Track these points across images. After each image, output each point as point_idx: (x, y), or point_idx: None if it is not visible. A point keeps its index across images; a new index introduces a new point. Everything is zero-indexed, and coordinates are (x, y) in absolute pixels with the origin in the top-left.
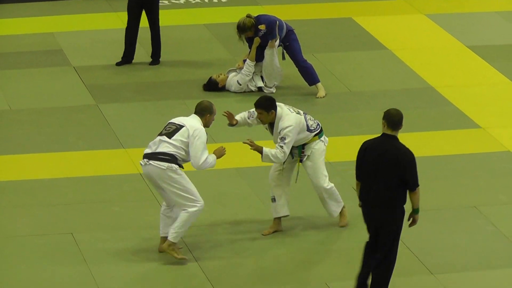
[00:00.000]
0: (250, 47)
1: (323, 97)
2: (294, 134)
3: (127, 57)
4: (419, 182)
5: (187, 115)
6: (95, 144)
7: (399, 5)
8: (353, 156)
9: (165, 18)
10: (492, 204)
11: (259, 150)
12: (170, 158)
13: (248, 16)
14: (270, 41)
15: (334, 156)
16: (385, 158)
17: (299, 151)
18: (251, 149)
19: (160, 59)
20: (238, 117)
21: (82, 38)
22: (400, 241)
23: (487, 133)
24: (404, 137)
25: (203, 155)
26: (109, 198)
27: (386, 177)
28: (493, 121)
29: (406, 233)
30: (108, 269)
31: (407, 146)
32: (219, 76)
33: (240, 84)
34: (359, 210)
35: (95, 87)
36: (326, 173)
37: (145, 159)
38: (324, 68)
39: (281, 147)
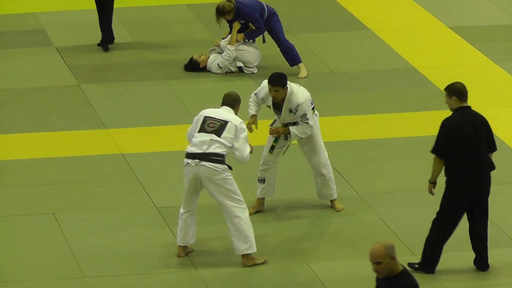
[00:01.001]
0: (230, 27)
1: (305, 77)
2: (310, 107)
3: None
4: (402, 163)
5: (169, 95)
6: (77, 124)
7: None
8: (335, 136)
9: None
10: None
11: (287, 132)
12: (222, 159)
13: (229, 0)
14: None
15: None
16: (481, 127)
17: (284, 139)
18: (273, 134)
19: (109, 46)
20: (253, 111)
21: (65, 18)
22: (382, 222)
23: None
24: (386, 118)
25: (247, 148)
26: (90, 179)
27: (484, 145)
28: (475, 102)
29: (389, 214)
30: (89, 248)
31: (387, 126)
32: (200, 57)
33: (221, 67)
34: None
35: (77, 67)
36: (324, 148)
37: (195, 160)
38: (306, 48)
39: (307, 123)
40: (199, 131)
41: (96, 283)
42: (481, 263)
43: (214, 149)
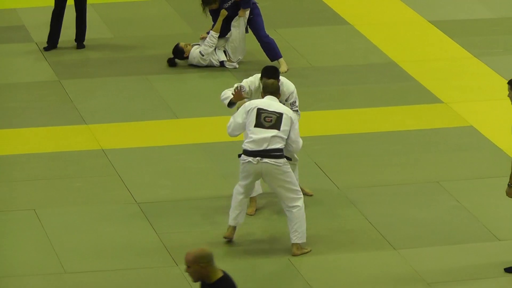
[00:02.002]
0: (213, 20)
1: (285, 72)
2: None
3: (79, 39)
4: (382, 157)
5: (149, 90)
6: (57, 120)
7: None
8: (315, 131)
9: None
10: (455, 179)
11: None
12: (282, 153)
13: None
14: (242, 9)
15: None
16: None
17: None
18: None
19: (84, 43)
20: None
21: (45, 14)
22: (363, 216)
23: (449, 107)
24: (366, 112)
25: (301, 140)
26: (71, 174)
27: None
28: (456, 96)
29: (369, 208)
30: (70, 244)
31: (367, 121)
32: (186, 46)
33: (203, 55)
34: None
35: (57, 63)
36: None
37: (256, 157)
38: (287, 43)
39: (297, 110)
40: (256, 126)
41: (77, 279)
42: None
43: (274, 144)
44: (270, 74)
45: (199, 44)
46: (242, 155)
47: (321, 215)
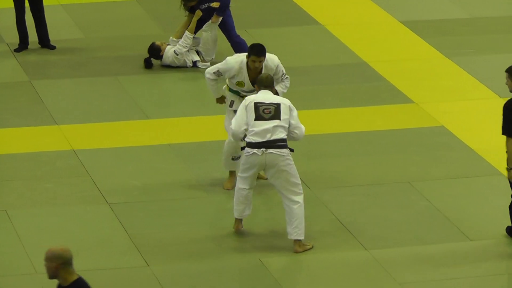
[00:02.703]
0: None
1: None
2: None
3: (43, 40)
4: (353, 158)
5: (120, 91)
6: (28, 120)
7: None
8: None
9: None
10: (426, 179)
11: (274, 93)
12: (286, 143)
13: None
14: (216, 16)
15: None
16: None
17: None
18: None
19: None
20: (220, 93)
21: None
22: (333, 216)
23: (420, 108)
24: (338, 112)
25: (301, 124)
26: (42, 175)
27: None
28: (427, 96)
29: (340, 208)
30: (41, 244)
31: (338, 121)
32: (162, 44)
33: (177, 55)
34: None
35: (28, 63)
36: None
37: (261, 148)
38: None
39: (287, 78)
40: (256, 119)
41: (48, 279)
42: None
43: (278, 135)
44: (258, 52)
45: (170, 45)
46: (246, 148)
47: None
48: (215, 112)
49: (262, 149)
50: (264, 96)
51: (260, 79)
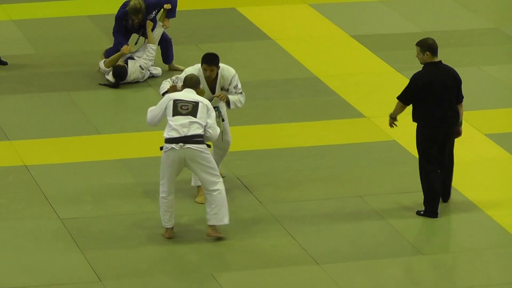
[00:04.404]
0: (137, 32)
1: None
2: None
3: None
4: (305, 172)
5: (72, 106)
6: None
7: None
8: (237, 146)
9: (49, 10)
10: (377, 194)
11: (227, 100)
12: (202, 139)
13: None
14: (167, 19)
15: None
16: (451, 81)
17: (218, 111)
18: (222, 98)
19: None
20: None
21: None
22: (285, 230)
23: (371, 122)
24: (289, 127)
25: (218, 127)
26: None
27: (451, 95)
28: (377, 110)
29: (292, 223)
30: None
31: (289, 136)
32: (122, 62)
33: (143, 69)
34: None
35: None
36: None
37: (179, 144)
38: None
39: (241, 92)
40: (174, 115)
41: None
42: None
43: (194, 130)
44: (209, 61)
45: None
46: (164, 144)
47: (243, 229)
48: None
49: (180, 144)
50: (186, 94)
51: (185, 79)
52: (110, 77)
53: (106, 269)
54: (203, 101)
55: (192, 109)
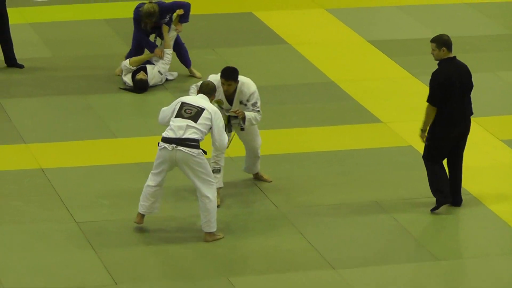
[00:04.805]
0: (155, 33)
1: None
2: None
3: (8, 58)
4: (321, 177)
5: (88, 110)
6: None
7: (300, 0)
8: None
9: (66, 13)
10: (393, 199)
11: (243, 116)
12: (197, 144)
13: (151, 1)
14: (180, 24)
15: (236, 151)
16: (468, 75)
17: (238, 121)
18: (239, 114)
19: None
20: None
21: None
22: (301, 235)
23: (388, 127)
24: (305, 132)
25: (225, 138)
26: (9, 193)
27: (469, 92)
28: (394, 116)
29: (308, 227)
30: (9, 263)
31: (305, 141)
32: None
33: (162, 74)
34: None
35: None
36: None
37: (172, 144)
38: (224, 62)
39: (258, 111)
40: (176, 116)
41: None
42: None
43: (190, 134)
44: (226, 75)
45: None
46: (160, 142)
47: (259, 234)
48: None
49: (172, 145)
50: (196, 99)
51: (202, 85)
52: (127, 78)
53: (122, 272)
54: (210, 109)
55: (195, 114)
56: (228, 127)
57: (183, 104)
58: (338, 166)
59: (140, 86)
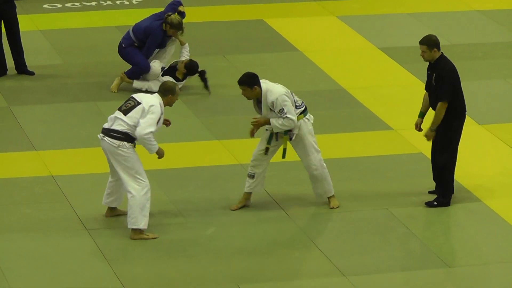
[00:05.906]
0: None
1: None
2: (289, 99)
3: (19, 65)
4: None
5: (99, 117)
6: (7, 146)
7: (311, 7)
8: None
9: (76, 20)
10: (404, 206)
11: (267, 123)
12: (122, 136)
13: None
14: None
15: (246, 158)
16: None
17: (284, 131)
18: (256, 124)
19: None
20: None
21: None
22: (311, 242)
23: (398, 134)
24: (316, 139)
25: (149, 128)
26: (20, 200)
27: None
28: (405, 123)
29: (318, 234)
30: (19, 270)
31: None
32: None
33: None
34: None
35: (7, 89)
36: (318, 149)
37: (101, 134)
38: (235, 69)
39: (286, 117)
40: (118, 109)
41: None
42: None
43: (116, 126)
44: (240, 82)
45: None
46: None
47: (269, 241)
48: (195, 138)
49: (101, 134)
50: (143, 95)
51: (161, 84)
52: (153, 85)
53: (133, 280)
54: (145, 104)
55: (129, 108)
56: (275, 136)
57: (130, 97)
58: (349, 173)
59: (190, 67)
